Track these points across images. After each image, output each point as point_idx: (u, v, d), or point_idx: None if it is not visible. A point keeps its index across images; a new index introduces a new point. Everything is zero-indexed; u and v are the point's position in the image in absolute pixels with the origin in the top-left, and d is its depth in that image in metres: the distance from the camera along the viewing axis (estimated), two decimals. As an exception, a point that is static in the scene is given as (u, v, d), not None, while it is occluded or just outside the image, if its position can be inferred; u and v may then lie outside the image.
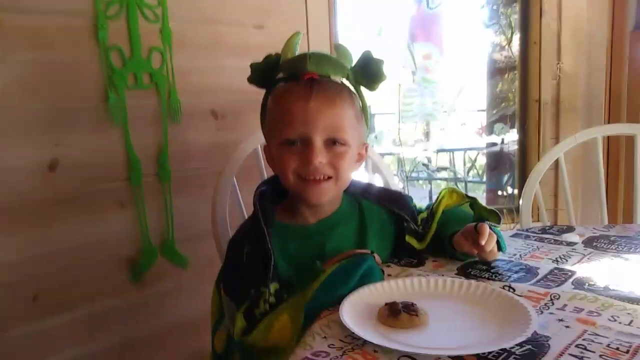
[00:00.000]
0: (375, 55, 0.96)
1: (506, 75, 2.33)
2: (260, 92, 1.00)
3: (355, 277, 0.80)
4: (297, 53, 0.96)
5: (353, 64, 0.97)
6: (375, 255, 0.87)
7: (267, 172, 1.26)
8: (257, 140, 1.29)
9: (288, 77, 0.93)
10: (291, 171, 0.90)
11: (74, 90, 1.24)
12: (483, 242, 0.87)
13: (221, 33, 1.47)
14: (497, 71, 2.45)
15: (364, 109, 0.98)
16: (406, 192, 1.12)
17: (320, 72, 0.90)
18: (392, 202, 1.03)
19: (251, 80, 0.99)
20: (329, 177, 0.91)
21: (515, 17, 2.22)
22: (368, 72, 0.95)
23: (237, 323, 0.83)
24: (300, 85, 0.89)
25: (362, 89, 0.98)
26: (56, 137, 1.22)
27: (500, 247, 0.93)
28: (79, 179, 1.26)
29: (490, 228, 0.90)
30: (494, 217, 0.99)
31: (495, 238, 0.90)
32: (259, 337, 0.80)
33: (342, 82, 0.94)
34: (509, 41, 2.22)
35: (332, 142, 0.90)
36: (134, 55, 1.31)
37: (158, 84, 1.36)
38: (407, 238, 0.99)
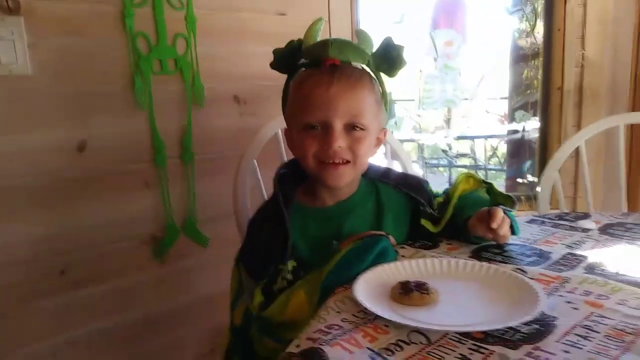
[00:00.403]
0: (396, 41, 0.97)
1: (532, 62, 2.30)
2: (282, 78, 1.02)
3: (370, 257, 0.83)
4: (318, 39, 0.98)
5: (374, 50, 0.99)
6: (390, 237, 0.90)
7: (287, 156, 1.28)
8: (278, 124, 1.32)
9: (310, 63, 0.96)
10: (311, 154, 0.92)
11: (102, 75, 1.28)
12: (494, 226, 0.88)
13: (244, 20, 1.50)
14: (522, 57, 2.43)
15: (383, 94, 1.00)
16: (424, 178, 1.14)
17: (342, 58, 0.92)
18: (408, 186, 1.05)
19: (274, 65, 1.01)
20: (347, 161, 0.93)
21: (541, 3, 2.19)
22: (388, 58, 0.96)
23: (255, 298, 0.87)
24: (322, 71, 0.91)
25: (383, 75, 1.00)
26: (85, 120, 1.27)
27: (513, 230, 0.95)
28: (106, 159, 1.31)
29: (504, 212, 0.92)
30: (509, 202, 1.01)
31: (508, 221, 0.92)
32: (276, 311, 0.83)
33: (362, 68, 0.96)
34: (533, 28, 2.20)
35: (351, 127, 0.92)
36: (159, 42, 1.34)
37: (183, 70, 1.40)
38: (423, 221, 1.01)
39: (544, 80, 2.12)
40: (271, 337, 0.90)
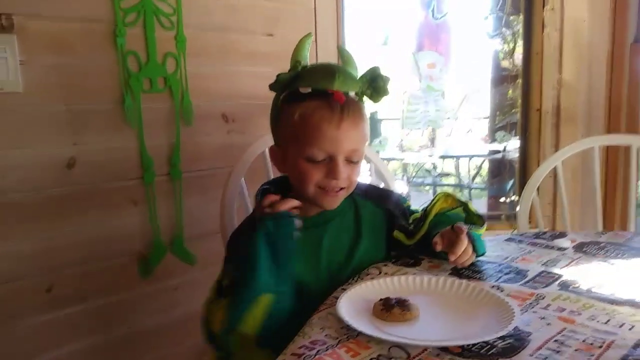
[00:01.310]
0: (383, 70, 1.01)
1: (516, 82, 2.37)
2: (270, 98, 1.03)
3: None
4: (307, 54, 1.01)
5: (359, 75, 1.02)
6: (296, 220, 0.92)
7: (274, 174, 1.31)
8: (265, 143, 1.35)
9: (314, 92, 0.96)
10: (314, 183, 0.96)
11: (92, 93, 1.30)
12: (463, 237, 0.91)
13: (233, 40, 1.53)
14: (504, 79, 2.50)
15: None
16: (402, 194, 1.19)
17: (346, 90, 0.96)
18: (380, 197, 1.10)
19: (274, 88, 1.01)
20: (343, 187, 0.98)
21: (519, 27, 2.26)
22: (375, 87, 1.01)
23: (216, 315, 0.91)
24: (331, 105, 0.93)
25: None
26: (74, 137, 1.28)
27: (476, 250, 0.96)
28: (94, 176, 1.32)
29: (468, 234, 0.93)
30: (480, 221, 1.04)
31: (464, 244, 0.92)
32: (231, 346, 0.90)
33: (356, 95, 1.00)
34: (512, 51, 2.27)
35: (351, 159, 0.97)
36: (149, 61, 1.37)
37: (172, 88, 1.42)
38: (396, 233, 1.05)
39: (523, 102, 2.19)
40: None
